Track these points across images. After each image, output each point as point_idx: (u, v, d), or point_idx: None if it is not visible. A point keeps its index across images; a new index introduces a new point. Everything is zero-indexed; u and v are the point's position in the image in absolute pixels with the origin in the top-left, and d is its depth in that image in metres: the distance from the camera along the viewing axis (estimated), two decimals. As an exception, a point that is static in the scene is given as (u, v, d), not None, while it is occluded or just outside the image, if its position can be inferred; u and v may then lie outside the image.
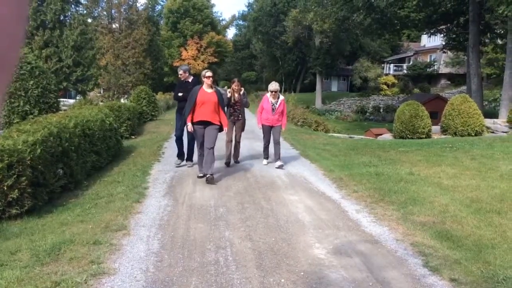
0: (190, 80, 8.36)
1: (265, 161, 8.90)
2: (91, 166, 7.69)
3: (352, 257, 4.14)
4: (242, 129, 8.80)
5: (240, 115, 8.64)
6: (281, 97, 8.61)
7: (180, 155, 8.59)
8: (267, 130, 8.59)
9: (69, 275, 3.56)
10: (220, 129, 7.26)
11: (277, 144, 8.53)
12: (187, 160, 8.57)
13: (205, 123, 7.11)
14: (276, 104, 8.46)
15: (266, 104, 8.51)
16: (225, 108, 7.86)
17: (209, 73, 7.26)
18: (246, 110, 9.06)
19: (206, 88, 7.21)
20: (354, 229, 5.00)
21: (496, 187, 6.65)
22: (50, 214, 5.45)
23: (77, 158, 6.95)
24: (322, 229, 4.98)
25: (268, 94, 8.55)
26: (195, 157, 8.16)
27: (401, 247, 4.40)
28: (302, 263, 3.98)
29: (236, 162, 8.82)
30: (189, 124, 7.14)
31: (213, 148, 7.07)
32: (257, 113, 8.85)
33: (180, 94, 8.23)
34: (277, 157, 8.50)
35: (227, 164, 8.56)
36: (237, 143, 8.77)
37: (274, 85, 8.52)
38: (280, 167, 8.29)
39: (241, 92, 8.64)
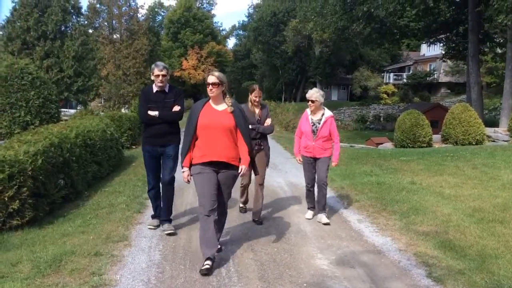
0: (166, 89, 5.08)
1: (309, 214, 5.87)
2: (92, 176, 7.67)
3: (355, 268, 4.12)
4: (266, 165, 5.74)
5: (261, 143, 5.60)
6: (327, 112, 5.66)
7: (156, 211, 5.32)
8: (309, 165, 5.72)
9: (70, 286, 3.54)
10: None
11: (322, 186, 5.64)
12: (155, 216, 5.32)
13: (217, 165, 4.11)
14: (319, 123, 5.58)
15: (305, 124, 5.70)
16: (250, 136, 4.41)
17: (213, 78, 4.13)
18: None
19: (215, 104, 4.19)
20: (357, 239, 4.97)
21: (498, 196, 6.62)
22: (51, 225, 5.43)
23: (78, 168, 6.94)
24: (324, 239, 4.95)
25: (308, 110, 5.73)
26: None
27: (404, 257, 4.37)
28: (304, 274, 3.95)
29: (258, 222, 5.52)
30: (186, 171, 4.16)
31: (226, 210, 4.51)
32: (295, 138, 5.93)
33: (153, 113, 4.93)
34: (322, 207, 5.65)
35: (243, 210, 6.02)
36: (259, 187, 5.55)
37: (312, 92, 5.65)
38: (326, 224, 5.48)
39: (267, 109, 5.81)
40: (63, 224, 5.42)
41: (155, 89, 5.05)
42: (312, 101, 5.56)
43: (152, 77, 5.01)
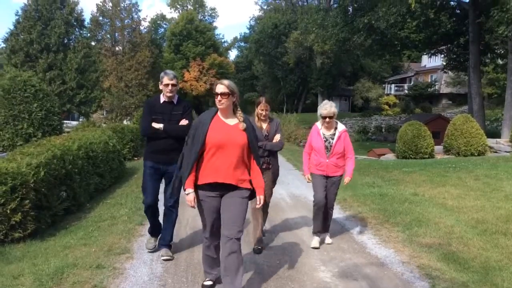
0: (175, 100, 4.65)
1: (315, 241, 5.14)
2: (94, 188, 7.68)
3: (358, 280, 4.09)
4: (274, 183, 5.29)
5: (270, 160, 5.09)
6: (341, 126, 5.19)
7: (154, 230, 4.87)
8: (320, 183, 5.11)
9: (72, 300, 3.52)
10: (251, 195, 3.75)
11: (329, 209, 5.23)
12: (153, 233, 4.91)
13: (223, 188, 3.56)
14: (333, 139, 5.09)
15: (316, 140, 5.14)
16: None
17: (222, 87, 3.56)
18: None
19: (224, 117, 3.63)
20: (360, 251, 4.95)
21: (501, 207, 6.60)
22: (53, 237, 5.42)
23: (80, 180, 6.95)
24: (327, 251, 4.93)
25: (319, 123, 5.21)
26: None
27: (407, 269, 4.35)
28: (307, 286, 3.93)
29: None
30: (190, 192, 3.53)
31: (240, 237, 3.56)
32: (303, 155, 5.39)
33: (157, 126, 4.50)
34: (326, 228, 5.33)
35: (258, 251, 4.86)
36: (265, 207, 5.04)
37: (328, 107, 5.00)
38: (329, 244, 5.19)
39: (275, 123, 5.20)
40: (65, 237, 5.41)
41: (162, 99, 4.60)
42: (330, 117, 5.01)
43: (161, 86, 4.57)
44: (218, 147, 3.48)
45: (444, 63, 26.40)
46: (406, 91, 45.43)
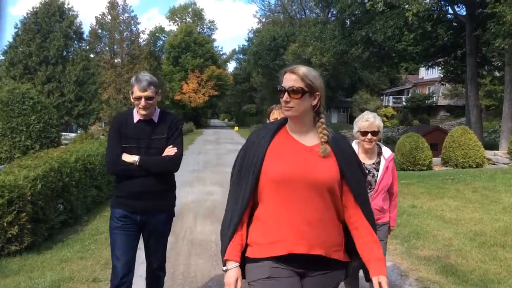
0: (155, 117, 3.10)
1: None
2: (91, 200, 7.65)
3: (356, 293, 4.06)
4: None
5: None
6: (387, 151, 3.51)
7: None
8: None
9: (68, 314, 3.49)
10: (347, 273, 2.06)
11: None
12: None
13: (304, 262, 1.90)
14: (377, 170, 3.42)
15: None
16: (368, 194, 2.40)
17: (293, 78, 1.93)
18: None
19: (297, 132, 1.99)
20: (358, 264, 4.92)
21: (499, 220, 6.60)
22: (49, 250, 5.39)
23: (78, 193, 6.92)
24: (325, 264, 4.90)
25: (355, 145, 3.41)
26: None
27: (406, 282, 4.33)
28: (305, 300, 3.89)
29: None
30: (232, 268, 2.02)
31: None
32: None
33: (130, 159, 2.99)
34: None
35: None
36: None
37: (371, 118, 3.32)
38: None
39: None
40: (62, 250, 5.39)
41: (136, 117, 3.07)
42: (375, 134, 3.29)
43: (132, 98, 3.04)
44: (283, 185, 1.90)
45: (442, 75, 26.54)
46: (404, 103, 45.60)
